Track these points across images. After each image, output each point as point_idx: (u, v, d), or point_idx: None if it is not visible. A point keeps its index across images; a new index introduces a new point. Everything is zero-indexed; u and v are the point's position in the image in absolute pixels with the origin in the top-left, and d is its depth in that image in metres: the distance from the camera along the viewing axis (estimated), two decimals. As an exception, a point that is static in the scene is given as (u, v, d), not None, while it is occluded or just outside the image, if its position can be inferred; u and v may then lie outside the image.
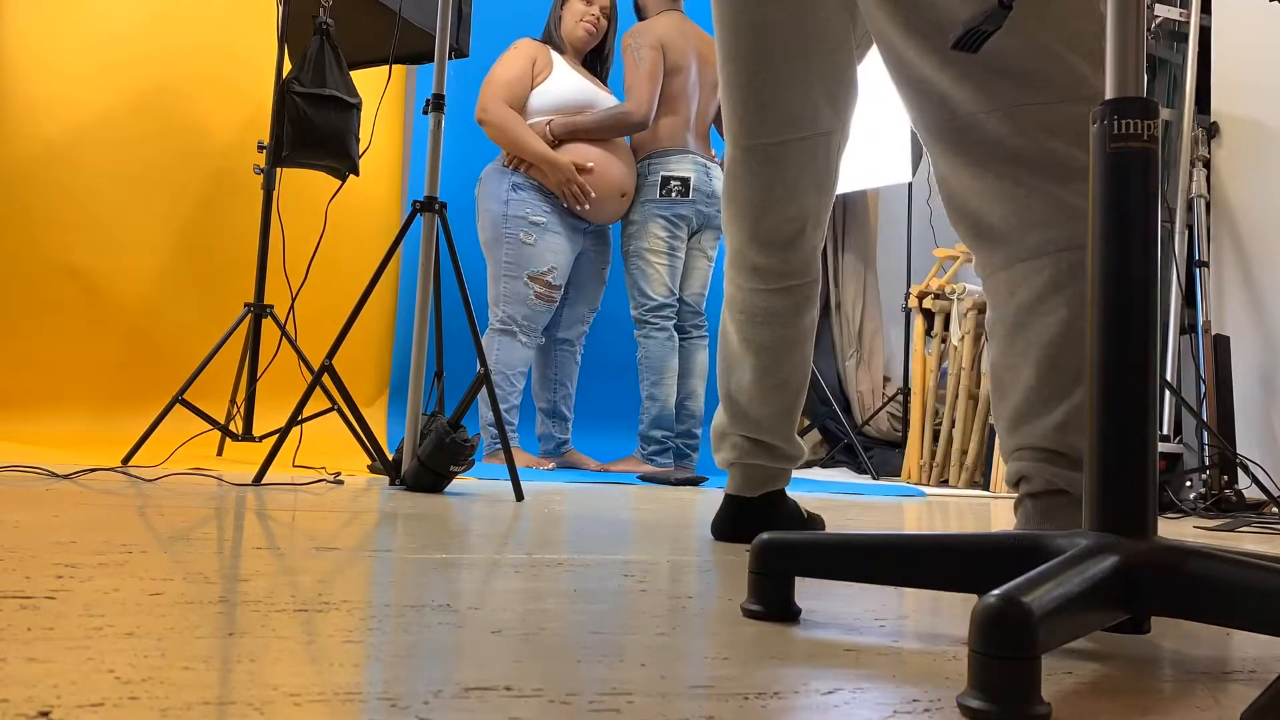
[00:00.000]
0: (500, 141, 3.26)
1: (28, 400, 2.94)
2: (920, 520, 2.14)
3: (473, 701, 0.52)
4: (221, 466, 2.32)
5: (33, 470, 1.85)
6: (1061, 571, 0.61)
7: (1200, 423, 3.35)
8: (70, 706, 0.46)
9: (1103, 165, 0.71)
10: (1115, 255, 0.71)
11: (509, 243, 3.22)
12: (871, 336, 5.15)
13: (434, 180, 2.19)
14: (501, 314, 3.21)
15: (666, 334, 3.36)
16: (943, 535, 0.78)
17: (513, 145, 3.24)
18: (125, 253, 3.19)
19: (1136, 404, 0.69)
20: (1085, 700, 0.60)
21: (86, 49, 3.14)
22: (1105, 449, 0.70)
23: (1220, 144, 3.82)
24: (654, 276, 3.35)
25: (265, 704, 0.49)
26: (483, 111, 3.25)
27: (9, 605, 0.68)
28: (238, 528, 1.22)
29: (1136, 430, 0.69)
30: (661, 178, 3.35)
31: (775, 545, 0.81)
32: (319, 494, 1.80)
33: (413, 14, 2.70)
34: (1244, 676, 0.70)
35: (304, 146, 2.49)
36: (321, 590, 0.81)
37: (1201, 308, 3.71)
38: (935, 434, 4.06)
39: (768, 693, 0.57)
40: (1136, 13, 0.73)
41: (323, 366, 2.06)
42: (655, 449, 3.32)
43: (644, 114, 3.29)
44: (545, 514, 1.69)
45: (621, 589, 0.92)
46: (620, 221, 3.44)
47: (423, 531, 1.29)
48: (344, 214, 3.41)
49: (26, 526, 1.09)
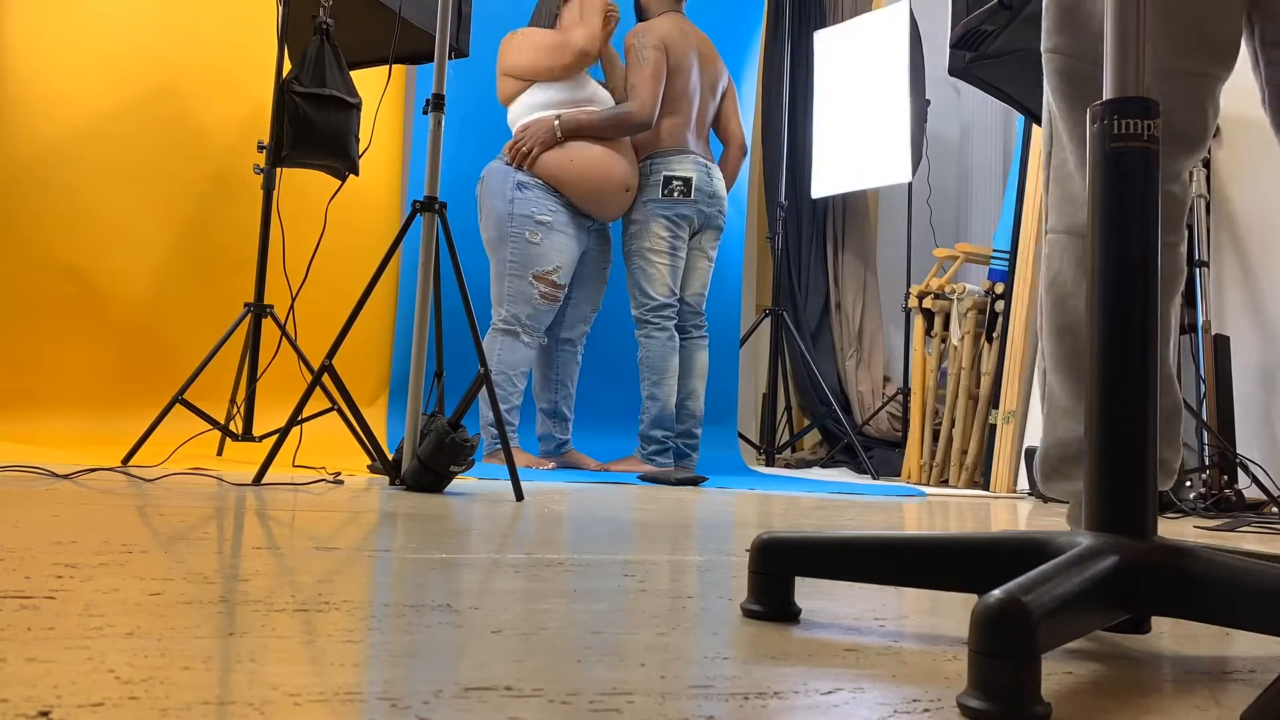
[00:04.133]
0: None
1: (28, 400, 2.94)
2: (920, 520, 2.14)
3: (473, 701, 0.52)
4: (221, 466, 2.32)
5: (33, 470, 1.85)
6: (1061, 571, 0.61)
7: (1200, 423, 3.35)
8: (70, 706, 0.46)
9: (1103, 165, 0.71)
10: (1115, 255, 0.71)
11: (514, 242, 3.21)
12: (871, 336, 5.15)
13: (434, 180, 2.19)
14: (505, 313, 3.20)
15: (667, 334, 3.36)
16: (943, 535, 0.78)
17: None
18: (125, 253, 3.19)
19: (1136, 404, 0.69)
20: (1085, 700, 0.60)
21: (87, 49, 3.14)
22: (1105, 449, 0.70)
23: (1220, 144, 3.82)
24: (656, 276, 3.35)
25: (265, 704, 0.49)
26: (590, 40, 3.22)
27: (9, 605, 0.68)
28: (238, 528, 1.22)
29: (1136, 430, 0.69)
30: (664, 178, 3.35)
31: (775, 545, 0.81)
32: (319, 494, 1.80)
33: (413, 14, 2.69)
34: (1244, 676, 0.70)
35: (304, 146, 2.49)
36: (321, 590, 0.81)
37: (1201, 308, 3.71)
38: (935, 434, 4.06)
39: (768, 693, 0.57)
40: (1136, 13, 0.73)
41: (323, 366, 2.06)
42: (655, 449, 3.32)
43: (647, 114, 3.28)
44: (545, 514, 1.69)
45: (621, 589, 0.92)
46: (621, 221, 3.44)
47: (423, 531, 1.29)
48: (344, 214, 3.40)
49: (26, 526, 1.09)
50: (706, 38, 3.56)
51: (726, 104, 3.61)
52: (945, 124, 5.40)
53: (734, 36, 4.28)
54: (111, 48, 3.18)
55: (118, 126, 3.18)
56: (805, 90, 5.05)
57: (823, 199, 5.03)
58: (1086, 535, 0.69)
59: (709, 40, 3.57)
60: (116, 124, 3.18)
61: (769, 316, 4.57)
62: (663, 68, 3.33)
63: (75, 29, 3.12)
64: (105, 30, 3.18)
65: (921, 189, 4.97)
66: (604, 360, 3.93)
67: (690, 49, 3.42)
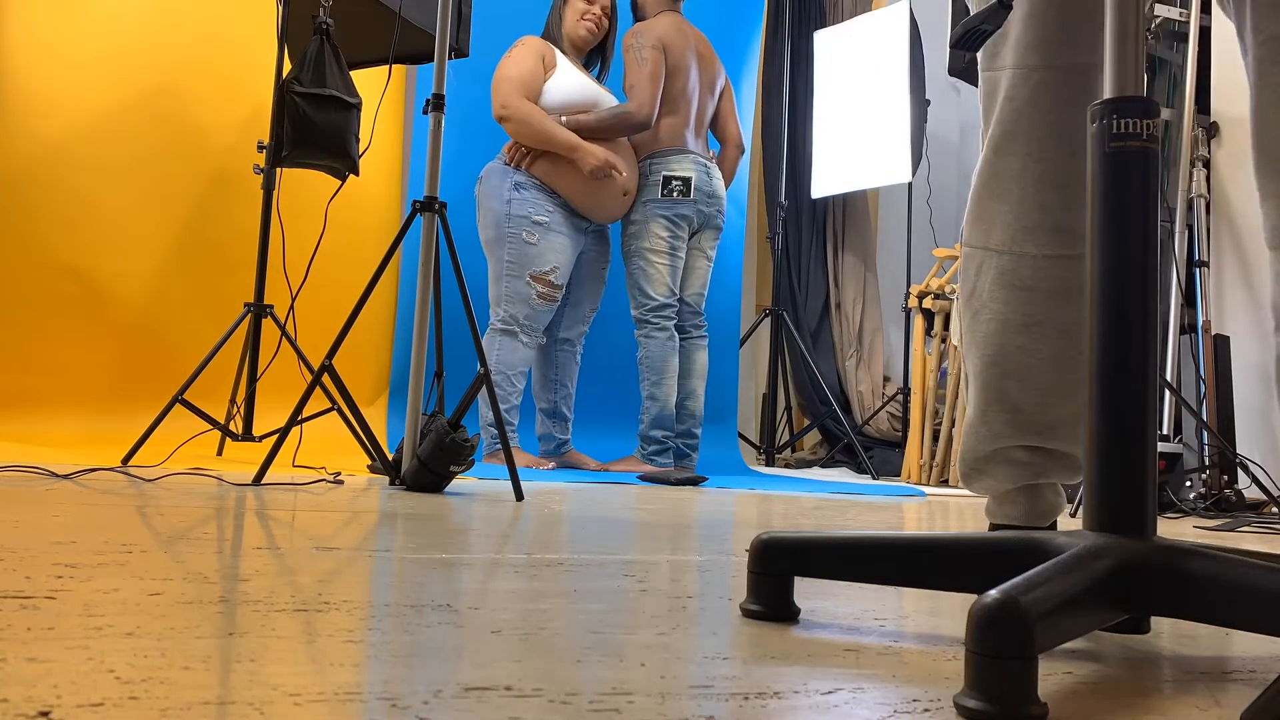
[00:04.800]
0: (525, 136, 3.20)
1: (28, 400, 2.94)
2: (920, 520, 2.14)
3: (472, 701, 0.52)
4: (221, 466, 2.32)
5: (33, 470, 1.85)
6: (1060, 571, 0.61)
7: (1200, 423, 3.35)
8: (70, 706, 0.46)
9: (1102, 165, 0.71)
10: (1115, 255, 0.71)
11: (511, 242, 3.21)
12: (871, 336, 5.15)
13: (434, 180, 2.19)
14: (503, 314, 3.20)
15: (667, 334, 3.36)
16: (943, 535, 0.78)
17: (539, 137, 3.19)
18: (125, 253, 3.19)
19: (1136, 404, 0.69)
20: (1084, 700, 0.60)
21: (87, 49, 3.14)
22: (1105, 449, 0.70)
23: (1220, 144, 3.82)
24: (655, 276, 3.35)
25: (265, 704, 0.49)
26: (503, 108, 3.18)
27: (9, 605, 0.68)
28: (238, 528, 1.22)
29: (1136, 430, 0.69)
30: (663, 178, 3.35)
31: (775, 545, 0.81)
32: (319, 494, 1.80)
33: (413, 14, 2.69)
34: (1244, 676, 0.70)
35: (304, 146, 2.49)
36: (321, 590, 0.81)
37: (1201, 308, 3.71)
38: (935, 434, 4.06)
39: (768, 693, 0.57)
40: (1136, 13, 0.73)
41: (323, 366, 2.06)
42: (655, 449, 3.32)
43: (646, 114, 3.28)
44: (545, 514, 1.69)
45: (621, 589, 0.92)
46: (621, 221, 3.44)
47: (423, 531, 1.29)
48: (344, 214, 3.40)
49: (26, 526, 1.09)
50: (704, 37, 3.56)
51: (724, 103, 3.61)
52: (945, 124, 5.40)
53: (734, 36, 4.28)
54: (111, 47, 3.18)
55: (118, 126, 3.18)
56: (805, 90, 5.05)
57: (823, 199, 5.03)
58: (1086, 535, 0.69)
59: (706, 40, 3.57)
60: (116, 124, 3.18)
61: (769, 316, 4.57)
62: (661, 67, 3.33)
63: (75, 29, 3.12)
64: (105, 30, 3.18)
65: (921, 189, 4.97)
66: (604, 360, 3.93)
67: (688, 48, 3.42)
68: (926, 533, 0.78)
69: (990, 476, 1.18)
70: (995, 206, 1.13)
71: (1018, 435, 1.14)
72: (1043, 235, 1.10)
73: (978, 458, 1.18)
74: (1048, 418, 1.12)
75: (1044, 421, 1.12)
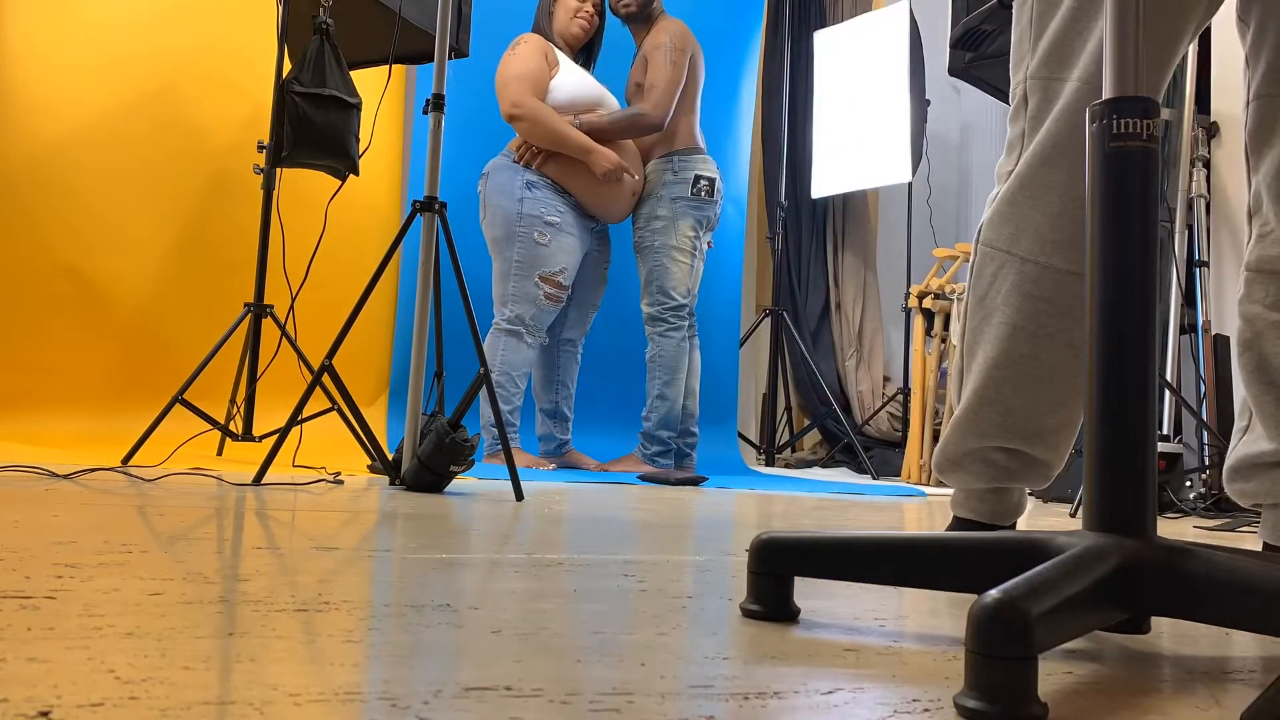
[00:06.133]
0: (537, 136, 3.17)
1: (28, 400, 2.94)
2: (920, 520, 2.14)
3: (472, 701, 0.52)
4: (221, 466, 2.32)
5: (33, 470, 1.85)
6: (1060, 571, 0.61)
7: (1200, 423, 3.35)
8: (70, 706, 0.46)
9: (1102, 165, 0.71)
10: (1114, 255, 0.71)
11: (522, 242, 3.18)
12: (871, 336, 5.15)
13: (434, 180, 2.19)
14: (509, 314, 3.18)
15: (682, 334, 3.34)
16: (943, 535, 0.78)
17: (551, 138, 3.16)
18: (125, 253, 3.19)
19: (1136, 404, 0.69)
20: (1084, 700, 0.60)
21: (87, 49, 3.14)
22: (1105, 449, 0.70)
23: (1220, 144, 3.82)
24: (678, 275, 3.33)
25: (265, 704, 0.49)
26: (515, 107, 3.14)
27: (9, 605, 0.68)
28: (238, 528, 1.22)
29: (1136, 430, 0.69)
30: (694, 176, 3.33)
31: (775, 545, 0.81)
32: (319, 494, 1.80)
33: (413, 14, 2.69)
34: (1244, 676, 0.70)
35: (304, 146, 2.49)
36: (321, 590, 0.81)
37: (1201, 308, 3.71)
38: (935, 434, 4.06)
39: (768, 693, 0.57)
40: (1136, 13, 0.73)
41: (323, 366, 2.06)
42: (658, 450, 3.31)
43: (661, 116, 3.28)
44: (545, 514, 1.69)
45: (621, 589, 0.92)
46: (633, 216, 3.42)
47: (423, 531, 1.29)
48: (344, 214, 3.40)
49: (26, 526, 1.09)
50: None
51: None
52: (945, 124, 5.40)
53: (734, 37, 4.28)
54: (111, 48, 3.18)
55: (118, 126, 3.19)
56: (805, 90, 5.05)
57: (823, 199, 5.03)
58: (1086, 535, 0.69)
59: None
60: (116, 124, 3.18)
61: (769, 316, 4.57)
62: (684, 73, 3.33)
63: (75, 29, 3.12)
64: (105, 30, 3.18)
65: (921, 189, 4.97)
66: (604, 360, 3.93)
67: (698, 50, 3.44)
68: (926, 533, 0.78)
69: (966, 472, 1.20)
70: (1030, 214, 1.13)
71: (1003, 437, 1.16)
72: (1073, 252, 1.11)
73: (959, 452, 1.20)
74: (1036, 424, 1.14)
75: (1032, 428, 1.15)
